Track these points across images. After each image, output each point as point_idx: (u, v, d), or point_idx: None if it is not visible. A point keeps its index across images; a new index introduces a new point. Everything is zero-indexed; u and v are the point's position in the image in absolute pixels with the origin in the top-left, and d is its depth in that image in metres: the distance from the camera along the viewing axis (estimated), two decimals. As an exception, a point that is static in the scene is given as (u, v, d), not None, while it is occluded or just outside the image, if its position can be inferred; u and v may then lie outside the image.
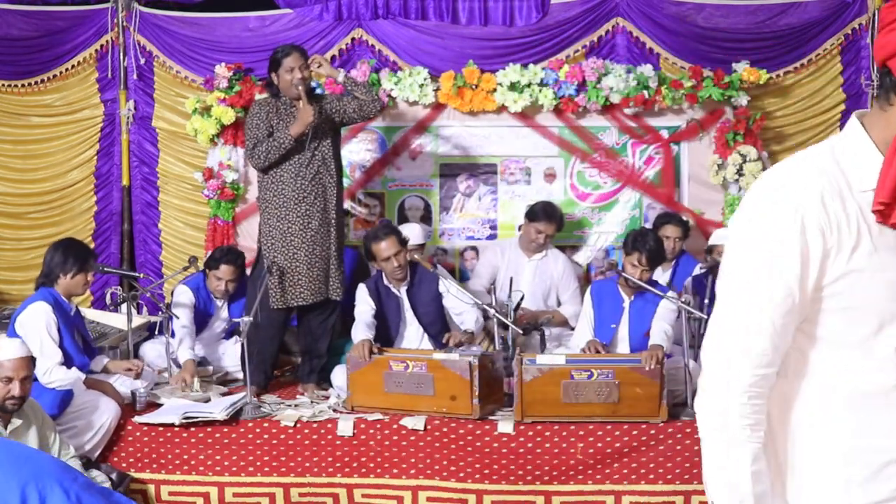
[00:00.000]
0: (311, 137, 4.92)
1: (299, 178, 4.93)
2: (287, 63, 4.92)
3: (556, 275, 5.68)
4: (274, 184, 4.98)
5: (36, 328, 4.44)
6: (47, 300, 4.53)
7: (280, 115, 4.98)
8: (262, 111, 5.00)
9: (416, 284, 5.10)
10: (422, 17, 6.20)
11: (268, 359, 5.04)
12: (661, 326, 4.71)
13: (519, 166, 6.21)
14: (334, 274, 5.02)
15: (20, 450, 2.59)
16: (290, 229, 4.95)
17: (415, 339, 5.13)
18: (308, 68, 4.98)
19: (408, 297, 5.10)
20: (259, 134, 4.94)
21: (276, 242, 4.95)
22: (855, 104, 6.27)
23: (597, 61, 5.99)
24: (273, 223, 4.97)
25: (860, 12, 6.18)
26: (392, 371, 4.47)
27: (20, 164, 6.51)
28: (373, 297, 5.04)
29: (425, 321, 5.09)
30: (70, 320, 4.61)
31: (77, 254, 4.66)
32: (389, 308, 5.08)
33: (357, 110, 5.06)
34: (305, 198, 4.93)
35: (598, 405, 4.34)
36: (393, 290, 5.08)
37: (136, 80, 6.36)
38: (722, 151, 6.00)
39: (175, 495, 4.45)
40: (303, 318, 5.16)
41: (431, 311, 5.10)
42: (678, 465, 4.33)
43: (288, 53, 4.95)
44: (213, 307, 5.44)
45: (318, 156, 4.97)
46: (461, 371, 4.34)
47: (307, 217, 4.94)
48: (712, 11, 6.19)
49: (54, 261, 4.64)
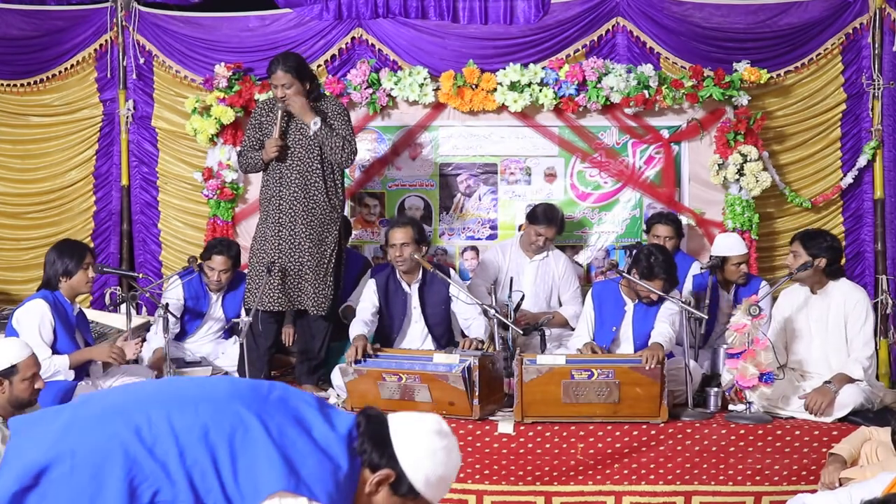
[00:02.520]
0: (297, 146, 4.96)
1: (278, 184, 4.97)
2: (272, 80, 5.00)
3: (558, 275, 5.67)
4: (264, 186, 5.08)
5: (28, 324, 4.45)
6: (46, 298, 4.53)
7: (275, 120, 5.00)
8: (256, 118, 5.11)
9: (428, 284, 5.09)
10: (422, 17, 6.19)
11: (262, 356, 5.03)
12: (662, 327, 4.70)
13: (519, 166, 6.19)
14: (314, 287, 4.97)
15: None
16: (267, 233, 4.99)
17: (418, 338, 5.12)
18: (293, 86, 4.93)
19: (418, 296, 5.09)
20: (246, 142, 5.14)
21: (255, 244, 5.06)
22: (856, 104, 6.26)
23: (597, 61, 5.98)
24: (259, 224, 5.09)
25: (861, 12, 6.17)
26: (386, 382, 4.44)
27: (19, 163, 6.50)
28: (380, 291, 5.04)
29: (432, 322, 5.08)
30: (69, 321, 4.59)
31: (71, 253, 4.65)
32: (396, 304, 5.07)
33: (328, 155, 5.01)
34: (283, 205, 4.96)
35: (599, 405, 4.33)
36: (403, 287, 5.07)
37: (135, 79, 6.35)
38: (722, 151, 5.99)
39: (174, 496, 4.43)
40: (298, 319, 5.15)
41: (439, 312, 5.09)
42: (679, 465, 4.32)
43: (272, 71, 4.97)
44: (207, 303, 5.43)
45: (307, 166, 4.97)
46: (455, 382, 4.30)
47: (279, 225, 4.95)
48: (713, 11, 6.18)
49: (52, 266, 4.62)
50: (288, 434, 2.17)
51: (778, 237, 6.28)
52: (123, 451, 2.11)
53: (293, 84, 4.93)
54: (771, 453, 4.31)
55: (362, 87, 6.01)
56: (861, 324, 4.61)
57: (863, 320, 4.61)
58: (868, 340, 4.61)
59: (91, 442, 2.14)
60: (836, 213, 6.36)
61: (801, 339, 4.76)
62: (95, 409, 2.26)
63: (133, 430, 2.14)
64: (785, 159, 6.28)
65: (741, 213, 5.96)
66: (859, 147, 6.27)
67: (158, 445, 2.12)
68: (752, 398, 4.37)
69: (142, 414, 2.17)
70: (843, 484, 3.69)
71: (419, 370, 4.40)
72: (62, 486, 2.10)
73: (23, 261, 6.52)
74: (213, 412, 2.18)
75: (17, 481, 2.11)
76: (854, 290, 4.72)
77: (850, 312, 4.63)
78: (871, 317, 4.67)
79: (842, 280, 4.74)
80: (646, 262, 4.68)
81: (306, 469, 2.12)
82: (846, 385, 4.45)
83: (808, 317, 4.75)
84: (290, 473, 2.09)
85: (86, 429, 2.19)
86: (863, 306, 4.64)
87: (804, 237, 4.72)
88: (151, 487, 2.10)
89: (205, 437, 2.13)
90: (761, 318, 4.37)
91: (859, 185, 6.31)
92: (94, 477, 2.10)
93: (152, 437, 2.13)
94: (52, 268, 4.63)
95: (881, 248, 6.29)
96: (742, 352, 4.34)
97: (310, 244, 4.97)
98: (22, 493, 2.10)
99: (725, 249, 5.31)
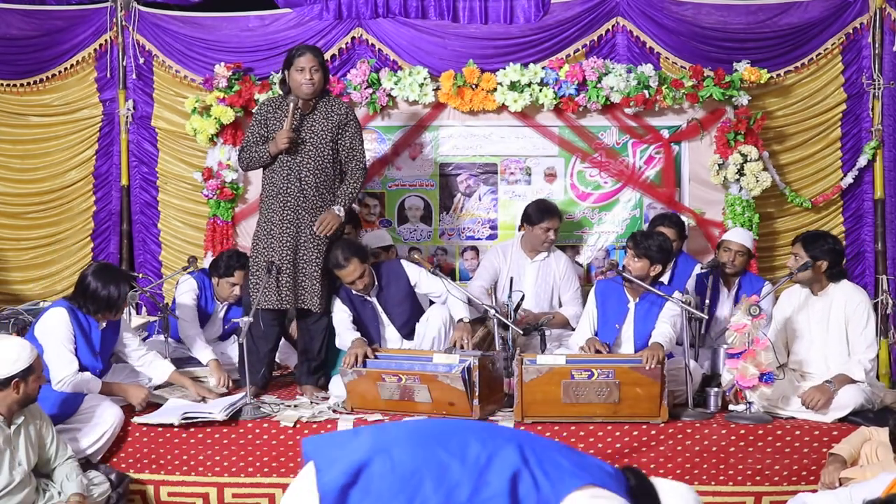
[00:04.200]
0: (303, 143, 4.92)
1: (283, 181, 4.92)
2: (299, 62, 4.90)
3: (558, 275, 5.67)
4: (265, 184, 5.03)
5: (53, 336, 4.38)
6: (64, 306, 4.48)
7: (277, 114, 4.98)
8: (262, 114, 5.03)
9: (385, 287, 5.08)
10: (422, 17, 6.19)
11: (262, 357, 5.02)
12: (663, 327, 4.69)
13: (519, 166, 6.19)
14: (309, 283, 4.95)
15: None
16: (267, 231, 4.94)
17: (395, 339, 5.12)
18: (319, 71, 4.92)
19: (379, 303, 5.08)
20: (250, 138, 5.01)
21: (259, 242, 4.97)
22: (856, 104, 6.26)
23: (597, 61, 5.98)
24: (260, 223, 5.02)
25: (861, 12, 6.17)
26: (385, 382, 4.44)
27: (19, 163, 6.50)
28: (347, 303, 5.04)
29: (398, 322, 5.08)
30: (88, 334, 4.54)
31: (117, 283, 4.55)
32: (365, 314, 5.07)
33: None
34: (291, 202, 4.91)
35: (599, 405, 4.33)
36: (365, 297, 5.07)
37: (135, 79, 6.35)
38: (723, 151, 5.99)
39: (174, 496, 4.43)
40: (299, 319, 5.14)
41: (404, 310, 5.08)
42: (679, 465, 4.32)
43: (301, 53, 4.92)
44: (213, 307, 5.42)
45: (310, 163, 4.94)
46: (455, 382, 4.31)
47: (288, 222, 4.90)
48: (713, 11, 6.17)
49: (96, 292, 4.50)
50: (573, 455, 2.24)
51: (778, 237, 6.28)
52: (439, 454, 2.17)
53: (320, 69, 4.93)
54: (771, 453, 4.31)
55: (362, 87, 6.01)
56: (863, 327, 4.61)
57: (864, 323, 4.61)
58: (871, 343, 4.61)
59: (408, 446, 2.21)
60: (837, 213, 6.35)
61: (802, 339, 4.76)
62: (400, 429, 2.37)
63: (443, 445, 2.20)
64: (785, 159, 6.28)
65: (741, 213, 5.96)
66: (859, 147, 6.27)
67: (470, 452, 2.17)
68: (753, 398, 4.37)
69: (450, 435, 2.25)
70: (843, 484, 3.70)
71: (419, 370, 4.40)
72: (384, 481, 2.14)
73: (22, 261, 6.52)
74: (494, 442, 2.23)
75: (342, 476, 2.15)
76: (855, 292, 4.72)
77: (852, 315, 4.62)
78: (872, 319, 4.66)
79: (843, 282, 4.73)
80: (640, 238, 4.82)
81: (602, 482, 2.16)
82: (847, 385, 4.45)
83: (809, 318, 4.75)
84: (590, 474, 2.15)
85: (399, 436, 2.27)
86: (864, 308, 4.64)
87: (805, 239, 4.72)
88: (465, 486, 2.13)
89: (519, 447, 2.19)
90: (761, 318, 4.37)
91: (859, 185, 6.31)
92: (415, 473, 2.14)
93: (460, 448, 2.19)
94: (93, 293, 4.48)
95: (881, 248, 6.29)
96: (742, 352, 4.34)
97: (320, 241, 4.96)
98: (345, 488, 2.14)
99: (729, 234, 5.51)
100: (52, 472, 3.92)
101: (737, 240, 5.40)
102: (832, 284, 4.70)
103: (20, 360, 3.67)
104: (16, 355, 3.68)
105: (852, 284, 4.82)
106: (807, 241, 4.70)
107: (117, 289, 4.48)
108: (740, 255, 5.37)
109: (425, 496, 2.10)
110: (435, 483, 2.11)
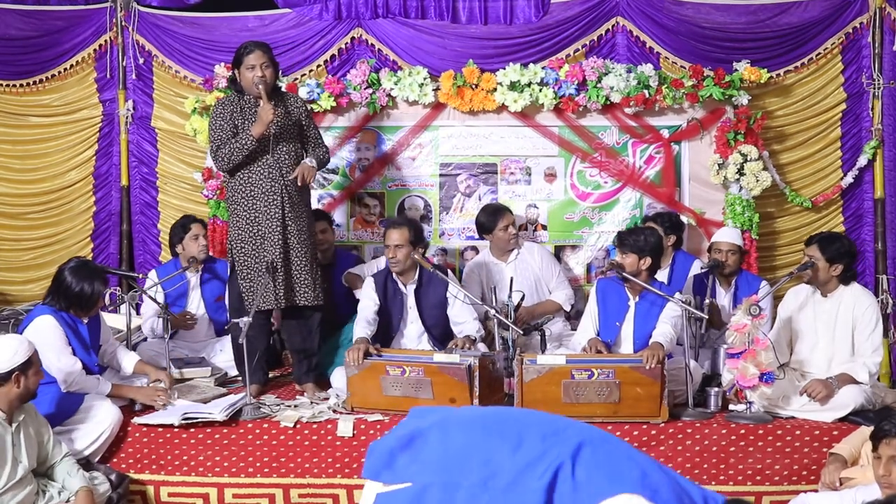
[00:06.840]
0: (276, 139, 4.88)
1: (265, 179, 4.87)
2: (248, 60, 4.86)
3: (537, 266, 5.68)
4: (241, 185, 4.92)
5: (48, 342, 4.33)
6: (48, 312, 4.47)
7: (244, 113, 4.93)
8: (226, 110, 4.94)
9: (425, 285, 5.09)
10: (421, 17, 6.19)
11: (260, 358, 5.01)
12: (664, 327, 4.69)
13: (519, 166, 6.19)
14: (303, 279, 4.94)
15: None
16: (255, 232, 4.89)
17: (415, 337, 5.12)
18: (270, 67, 4.89)
19: (414, 296, 5.09)
20: (223, 135, 4.91)
21: (246, 245, 4.91)
22: (856, 103, 6.26)
23: (597, 61, 5.97)
24: (242, 225, 4.92)
25: (861, 11, 6.17)
26: (389, 375, 4.45)
27: (19, 164, 6.50)
28: (378, 290, 5.04)
29: (429, 323, 5.08)
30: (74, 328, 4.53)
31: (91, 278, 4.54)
32: (394, 304, 5.07)
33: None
34: (277, 200, 4.87)
35: (599, 405, 4.33)
36: (400, 287, 5.07)
37: (134, 79, 6.35)
38: (723, 151, 5.99)
39: (174, 496, 4.43)
40: (292, 319, 5.10)
41: (436, 314, 5.09)
42: (679, 465, 4.31)
43: (250, 51, 4.88)
44: (186, 285, 5.42)
45: (286, 158, 4.92)
46: (458, 376, 4.32)
47: (270, 220, 4.88)
48: (712, 11, 6.18)
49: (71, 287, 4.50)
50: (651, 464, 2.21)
51: (778, 237, 6.28)
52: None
53: (271, 65, 4.89)
54: (771, 453, 4.31)
55: (362, 87, 6.01)
56: (871, 330, 4.59)
57: (872, 327, 4.60)
58: (878, 347, 4.60)
59: (467, 427, 2.26)
60: (837, 212, 6.35)
61: (806, 339, 4.76)
62: (469, 411, 2.48)
63: (502, 433, 2.23)
64: (785, 159, 6.28)
65: (741, 213, 5.96)
66: (859, 146, 6.27)
67: (526, 443, 2.19)
68: (753, 398, 4.37)
69: (513, 424, 2.28)
70: (843, 483, 3.69)
71: (423, 363, 4.44)
72: (433, 452, 2.21)
73: (22, 261, 6.53)
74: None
75: (395, 439, 2.25)
76: (864, 295, 4.70)
77: (860, 318, 4.61)
78: (880, 323, 4.65)
79: (853, 284, 4.72)
80: (624, 235, 4.88)
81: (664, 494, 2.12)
82: (848, 385, 4.45)
83: (815, 318, 4.74)
84: (647, 485, 2.10)
85: (464, 416, 2.35)
86: (872, 312, 4.63)
87: (822, 241, 4.66)
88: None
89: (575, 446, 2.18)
90: (761, 318, 4.37)
91: (859, 184, 6.30)
92: (463, 451, 2.19)
93: (518, 437, 2.21)
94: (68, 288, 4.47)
95: (881, 248, 6.29)
96: (742, 352, 4.34)
97: (307, 235, 4.98)
98: (394, 451, 2.24)
99: (716, 235, 5.53)
100: (52, 471, 3.93)
101: (725, 239, 5.42)
102: (842, 286, 4.69)
103: (19, 353, 3.70)
104: (14, 349, 3.71)
105: (861, 287, 4.81)
106: (824, 243, 4.65)
107: (91, 286, 4.47)
108: (731, 253, 5.38)
109: (465, 474, 2.14)
110: (479, 465, 2.15)
